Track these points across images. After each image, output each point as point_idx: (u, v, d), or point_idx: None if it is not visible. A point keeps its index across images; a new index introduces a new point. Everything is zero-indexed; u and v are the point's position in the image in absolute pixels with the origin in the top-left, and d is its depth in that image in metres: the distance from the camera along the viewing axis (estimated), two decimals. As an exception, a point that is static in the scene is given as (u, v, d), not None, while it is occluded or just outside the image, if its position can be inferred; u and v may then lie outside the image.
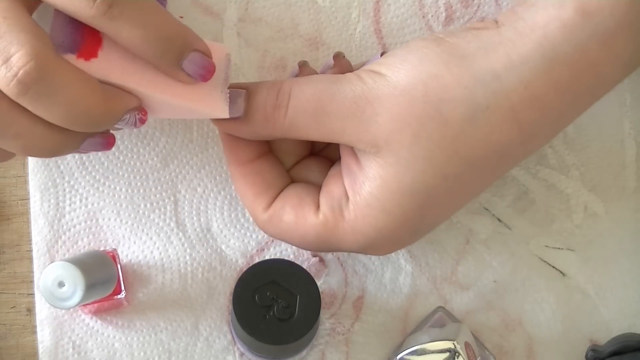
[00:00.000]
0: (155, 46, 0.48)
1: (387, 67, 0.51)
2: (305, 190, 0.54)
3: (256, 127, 0.53)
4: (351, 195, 0.52)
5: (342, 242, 0.53)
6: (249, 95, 0.53)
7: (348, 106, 0.51)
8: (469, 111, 0.50)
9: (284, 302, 0.53)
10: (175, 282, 0.59)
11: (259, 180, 0.54)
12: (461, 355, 0.54)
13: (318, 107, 0.51)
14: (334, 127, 0.51)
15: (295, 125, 0.52)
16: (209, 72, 0.50)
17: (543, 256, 0.61)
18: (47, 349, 0.58)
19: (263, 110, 0.52)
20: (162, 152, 0.60)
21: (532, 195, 0.61)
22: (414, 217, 0.52)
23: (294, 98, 0.52)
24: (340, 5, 0.61)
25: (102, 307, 0.58)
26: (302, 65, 0.56)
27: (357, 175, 0.52)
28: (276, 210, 0.54)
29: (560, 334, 0.60)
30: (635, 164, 0.62)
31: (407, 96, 0.50)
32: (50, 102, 0.46)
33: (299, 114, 0.52)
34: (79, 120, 0.47)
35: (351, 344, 0.60)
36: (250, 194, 0.54)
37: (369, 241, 0.53)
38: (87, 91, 0.47)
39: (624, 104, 0.62)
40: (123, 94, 0.50)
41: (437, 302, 0.60)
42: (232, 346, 0.59)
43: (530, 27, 0.50)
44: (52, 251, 0.59)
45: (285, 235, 0.54)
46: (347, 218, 0.52)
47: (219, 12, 0.61)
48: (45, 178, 0.59)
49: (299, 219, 0.53)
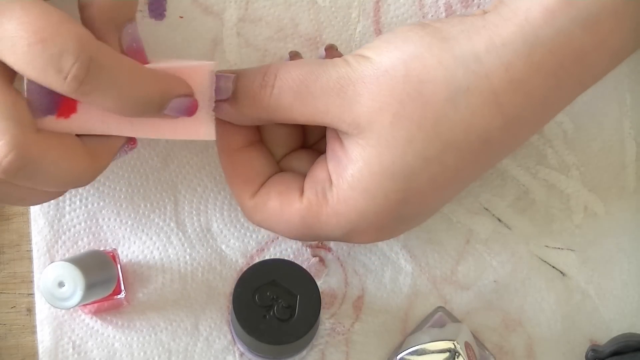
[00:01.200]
0: (133, 109, 0.49)
1: (373, 50, 0.52)
2: (292, 178, 0.55)
3: (243, 107, 0.53)
4: (334, 179, 0.52)
5: (325, 226, 0.53)
6: (237, 78, 0.53)
7: (332, 86, 0.51)
8: (449, 92, 0.50)
9: (284, 302, 0.53)
10: (175, 282, 0.59)
11: (248, 168, 0.55)
12: (461, 355, 0.54)
13: (302, 87, 0.52)
14: (318, 107, 0.52)
15: (281, 105, 0.53)
16: (191, 109, 0.51)
17: (543, 256, 0.61)
18: (47, 349, 0.58)
19: (250, 90, 0.53)
20: (162, 152, 0.60)
21: (532, 195, 0.61)
22: (396, 201, 0.52)
23: (280, 79, 0.52)
24: (340, 5, 0.61)
25: (102, 307, 0.58)
26: (294, 55, 0.57)
27: (340, 158, 0.52)
28: (262, 196, 0.54)
29: (560, 334, 0.60)
30: (635, 164, 0.62)
31: (388, 76, 0.51)
32: (38, 180, 0.48)
33: (284, 93, 0.52)
34: (69, 186, 0.51)
35: (351, 344, 0.60)
36: (238, 181, 0.55)
37: (351, 225, 0.53)
38: (73, 162, 0.49)
39: (624, 103, 0.62)
40: (107, 142, 0.51)
41: (437, 302, 0.60)
42: (232, 346, 0.59)
43: (513, 12, 0.50)
44: (52, 251, 0.59)
45: (271, 221, 0.54)
46: (330, 202, 0.53)
47: (219, 12, 0.61)
48: (45, 178, 0.59)
49: (283, 204, 0.54)
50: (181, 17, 0.60)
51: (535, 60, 0.50)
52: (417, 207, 0.53)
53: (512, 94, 0.50)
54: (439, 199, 0.54)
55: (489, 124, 0.51)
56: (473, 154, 0.52)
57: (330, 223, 0.53)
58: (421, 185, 0.51)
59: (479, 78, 0.50)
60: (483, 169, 0.53)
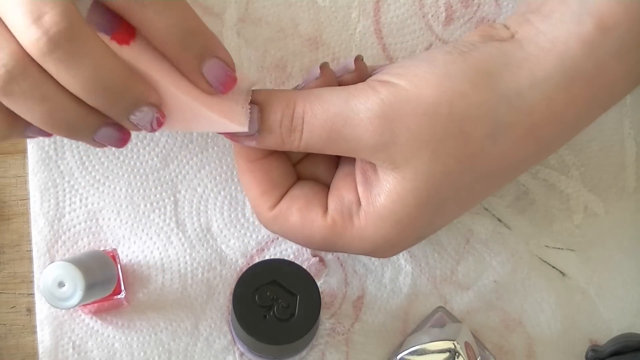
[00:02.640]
0: (178, 37, 0.48)
1: (407, 78, 0.51)
2: (313, 191, 0.54)
3: (270, 145, 0.53)
4: (364, 204, 0.52)
5: (348, 245, 0.53)
6: (262, 112, 0.52)
7: (364, 128, 0.50)
8: (491, 129, 0.50)
9: (284, 302, 0.53)
10: (175, 282, 0.59)
11: (266, 178, 0.54)
12: (461, 355, 0.54)
13: (332, 132, 0.51)
14: (350, 148, 0.51)
15: (311, 147, 0.52)
16: (228, 82, 0.50)
17: (543, 256, 0.61)
18: (47, 349, 0.58)
19: (279, 133, 0.52)
20: (162, 152, 0.60)
21: (532, 195, 0.61)
22: (423, 226, 0.52)
23: (308, 123, 0.51)
24: (340, 5, 0.61)
25: (102, 307, 0.58)
26: (324, 67, 0.54)
27: (373, 184, 0.52)
28: (282, 210, 0.54)
29: (560, 334, 0.60)
30: (635, 164, 0.62)
31: (431, 114, 0.50)
32: (76, 64, 0.46)
33: (314, 139, 0.51)
34: (99, 87, 0.47)
35: (351, 344, 0.60)
36: (256, 191, 0.54)
37: (375, 248, 0.53)
38: (111, 61, 0.47)
39: (624, 104, 0.62)
40: (146, 81, 0.49)
41: (437, 302, 0.60)
42: (232, 346, 0.59)
43: (552, 43, 0.50)
44: (52, 251, 0.59)
45: (290, 234, 0.54)
46: (356, 225, 0.52)
47: (219, 12, 0.61)
48: (45, 178, 0.59)
49: (305, 221, 0.53)
50: (181, 17, 0.60)
51: (574, 93, 0.50)
52: (439, 225, 0.54)
53: (549, 126, 0.51)
54: (459, 215, 0.54)
55: (523, 155, 0.51)
56: (502, 180, 0.52)
57: (354, 244, 0.53)
58: (448, 210, 0.52)
59: (521, 114, 0.50)
60: (504, 186, 0.54)
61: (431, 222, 0.52)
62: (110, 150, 0.60)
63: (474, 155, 0.50)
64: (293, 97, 0.52)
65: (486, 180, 0.52)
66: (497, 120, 0.50)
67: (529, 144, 0.51)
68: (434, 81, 0.50)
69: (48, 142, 0.59)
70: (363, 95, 0.51)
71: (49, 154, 0.59)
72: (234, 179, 0.60)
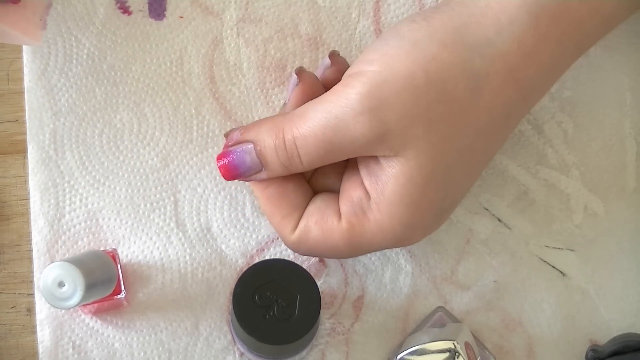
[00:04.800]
0: None
1: (379, 62, 0.51)
2: (325, 203, 0.55)
3: (279, 173, 0.54)
4: (374, 196, 0.52)
5: (372, 242, 0.53)
6: (259, 150, 0.53)
7: (353, 129, 0.51)
8: (471, 82, 0.51)
9: (284, 302, 0.53)
10: (175, 282, 0.59)
11: (285, 202, 0.55)
12: (461, 355, 0.54)
13: (327, 145, 0.52)
14: (349, 151, 0.52)
15: (313, 165, 0.53)
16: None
17: (543, 256, 0.61)
18: (47, 349, 0.58)
19: (279, 164, 0.53)
20: (162, 152, 0.60)
21: (532, 195, 0.61)
22: (437, 200, 0.52)
23: (301, 146, 0.52)
24: (340, 5, 0.61)
25: (102, 307, 0.58)
26: (300, 72, 0.55)
27: (378, 175, 0.52)
28: (302, 230, 0.54)
29: (560, 334, 0.60)
30: (635, 164, 0.62)
31: (410, 88, 0.50)
32: None
33: (313, 157, 0.52)
34: None
35: (351, 344, 0.60)
36: (277, 216, 0.55)
37: (398, 236, 0.53)
38: None
39: (625, 103, 0.62)
40: None
41: (437, 302, 0.60)
42: (232, 346, 0.59)
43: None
44: (52, 251, 0.59)
45: (316, 250, 0.55)
46: (372, 219, 0.53)
47: (219, 12, 0.61)
48: (45, 178, 0.59)
49: (325, 232, 0.54)
50: (181, 17, 0.60)
51: (542, 31, 0.51)
52: (453, 197, 0.53)
53: (526, 67, 0.51)
54: (472, 181, 0.54)
55: (509, 101, 0.52)
56: (497, 131, 0.52)
57: (376, 239, 0.53)
58: (457, 176, 0.52)
59: (496, 61, 0.51)
60: (505, 140, 0.54)
61: (444, 195, 0.52)
62: (110, 150, 0.60)
63: (463, 112, 0.51)
64: (280, 126, 0.53)
65: (483, 136, 0.52)
66: (474, 72, 0.50)
67: (512, 89, 0.51)
68: (404, 55, 0.51)
69: (48, 142, 0.59)
70: (341, 97, 0.51)
71: (49, 154, 0.59)
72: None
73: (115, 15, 0.60)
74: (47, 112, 0.60)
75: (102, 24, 0.60)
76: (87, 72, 0.60)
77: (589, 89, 0.62)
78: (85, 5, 0.60)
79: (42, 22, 0.51)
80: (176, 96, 0.60)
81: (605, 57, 0.62)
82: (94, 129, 0.60)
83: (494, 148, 0.54)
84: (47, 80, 0.60)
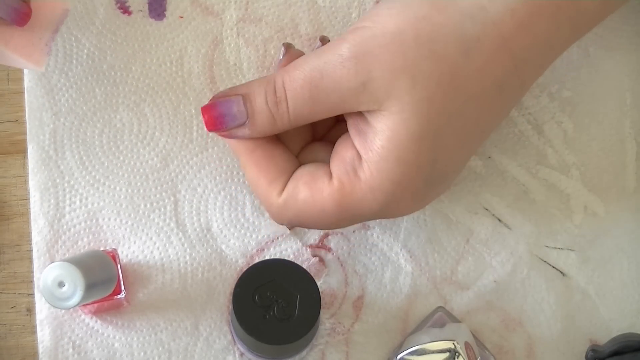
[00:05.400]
0: None
1: (370, 20, 0.52)
2: (315, 167, 0.54)
3: (264, 127, 0.53)
4: (363, 153, 0.52)
5: (362, 204, 0.53)
6: (248, 100, 0.53)
7: (339, 74, 0.51)
8: (461, 45, 0.51)
9: (284, 302, 0.53)
10: (175, 282, 0.59)
11: (272, 165, 0.54)
12: (461, 355, 0.54)
13: (313, 89, 0.52)
14: (334, 101, 0.52)
15: (300, 114, 0.53)
16: (23, 16, 0.51)
17: (543, 256, 0.61)
18: (47, 349, 0.58)
19: (267, 111, 0.53)
20: (162, 152, 0.60)
21: (532, 195, 0.61)
22: (427, 162, 0.52)
23: (289, 89, 0.52)
24: (340, 5, 0.61)
25: (102, 307, 0.58)
26: (287, 47, 0.56)
27: (366, 132, 0.52)
28: (290, 191, 0.54)
29: (560, 334, 0.60)
30: (635, 164, 0.62)
31: (398, 42, 0.51)
32: None
33: (299, 103, 0.52)
34: None
35: (351, 344, 0.60)
36: (263, 181, 0.54)
37: (387, 197, 0.52)
38: None
39: (624, 103, 0.62)
40: None
41: (437, 302, 0.60)
42: (232, 346, 0.59)
43: None
44: (52, 251, 0.59)
45: (304, 214, 0.54)
46: (362, 177, 0.52)
47: (219, 12, 0.61)
48: (45, 178, 0.59)
49: (314, 192, 0.53)
50: (181, 17, 0.60)
51: (536, 2, 0.51)
52: (445, 165, 0.53)
53: (519, 38, 0.51)
54: (464, 154, 0.54)
55: (502, 70, 0.52)
56: (490, 102, 0.52)
57: (366, 199, 0.53)
58: (447, 141, 0.52)
59: (487, 26, 0.51)
60: (499, 117, 0.54)
61: (433, 158, 0.52)
62: (110, 150, 0.60)
63: (452, 74, 0.51)
64: (272, 75, 0.53)
65: (474, 104, 0.52)
66: (464, 35, 0.51)
67: (504, 58, 0.51)
68: (395, 13, 0.51)
69: (48, 142, 0.59)
70: (333, 46, 0.52)
71: (49, 154, 0.59)
72: (234, 179, 0.60)
73: (115, 15, 0.60)
74: (47, 112, 0.60)
75: (102, 24, 0.60)
76: (87, 72, 0.60)
77: (589, 89, 0.62)
78: (85, 5, 0.60)
79: (47, 48, 0.51)
80: (176, 96, 0.60)
81: (605, 57, 0.62)
82: (94, 129, 0.60)
83: (487, 122, 0.53)
84: (47, 80, 0.60)
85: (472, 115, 0.52)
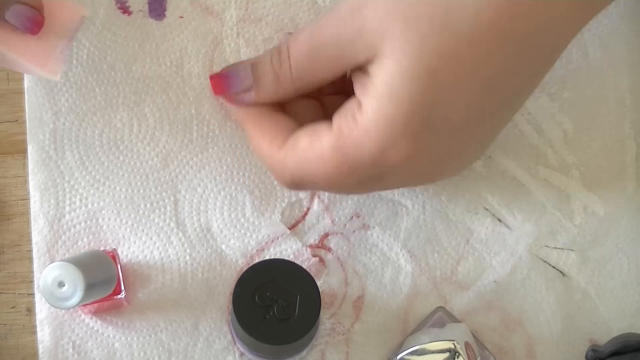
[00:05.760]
0: None
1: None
2: (318, 123, 0.54)
3: (269, 88, 0.55)
4: (363, 99, 0.52)
5: (359, 149, 0.52)
6: (254, 66, 0.55)
7: (336, 24, 0.52)
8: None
9: (284, 302, 0.53)
10: (175, 282, 0.59)
11: (272, 125, 0.55)
12: (461, 355, 0.54)
13: (314, 45, 0.53)
14: (334, 54, 0.53)
15: (304, 74, 0.54)
16: (35, 24, 0.51)
17: (543, 256, 0.61)
18: (47, 349, 0.58)
19: (271, 72, 0.54)
20: (162, 152, 0.60)
21: (532, 195, 0.61)
22: (423, 103, 0.51)
23: (292, 48, 0.53)
24: (340, 5, 0.61)
25: (102, 307, 0.58)
26: None
27: (365, 81, 0.52)
28: (290, 142, 0.54)
29: (560, 334, 0.60)
30: (635, 164, 0.62)
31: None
32: None
33: (302, 60, 0.53)
34: None
35: (351, 344, 0.60)
36: (266, 140, 0.55)
37: (382, 137, 0.51)
38: None
39: (624, 104, 0.62)
40: None
41: (437, 302, 0.60)
42: (232, 346, 0.59)
43: None
44: (52, 251, 0.59)
45: (304, 165, 0.53)
46: (359, 121, 0.52)
47: (219, 12, 0.61)
48: (45, 178, 0.59)
49: (313, 139, 0.53)
50: (181, 17, 0.61)
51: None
52: (447, 109, 0.52)
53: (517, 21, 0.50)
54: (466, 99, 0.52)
55: (496, 14, 0.50)
56: (485, 44, 0.51)
57: (362, 141, 0.52)
58: (443, 83, 0.51)
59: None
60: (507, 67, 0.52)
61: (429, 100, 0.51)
62: (110, 150, 0.60)
63: (445, 13, 0.50)
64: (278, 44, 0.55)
65: (470, 47, 0.51)
66: None
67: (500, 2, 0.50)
68: None
69: (48, 142, 0.59)
70: (333, 6, 0.54)
71: (49, 154, 0.59)
72: (234, 179, 0.60)
73: (115, 15, 0.60)
74: (47, 112, 0.60)
75: (102, 24, 0.60)
76: (87, 72, 0.60)
77: (589, 89, 0.62)
78: (85, 6, 0.60)
79: (63, 56, 0.51)
80: (176, 96, 0.60)
81: (605, 57, 0.62)
82: (94, 129, 0.60)
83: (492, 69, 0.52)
84: (47, 80, 0.60)
85: (469, 57, 0.51)
